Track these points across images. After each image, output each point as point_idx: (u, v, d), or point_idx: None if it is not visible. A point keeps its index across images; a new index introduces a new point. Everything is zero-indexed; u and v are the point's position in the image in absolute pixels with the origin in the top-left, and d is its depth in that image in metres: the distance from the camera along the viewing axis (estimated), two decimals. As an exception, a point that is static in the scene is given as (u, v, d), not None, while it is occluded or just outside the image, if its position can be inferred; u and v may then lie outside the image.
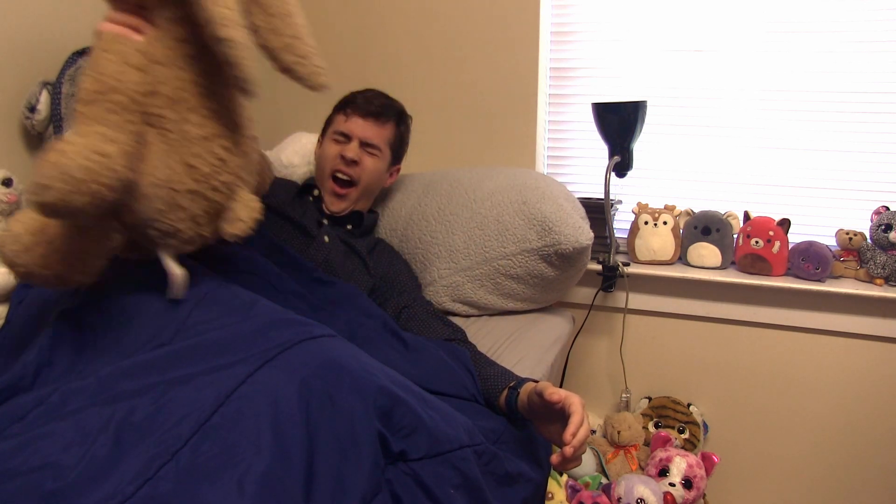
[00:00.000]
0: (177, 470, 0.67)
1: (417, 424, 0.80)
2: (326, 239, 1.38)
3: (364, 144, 1.43)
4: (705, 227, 1.71)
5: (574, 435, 0.88)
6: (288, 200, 1.42)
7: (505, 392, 1.06)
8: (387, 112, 1.46)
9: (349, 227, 1.48)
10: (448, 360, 1.10)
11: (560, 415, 0.92)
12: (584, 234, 1.44)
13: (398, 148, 1.52)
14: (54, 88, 1.44)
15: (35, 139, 1.50)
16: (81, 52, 1.50)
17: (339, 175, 1.42)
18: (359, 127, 1.43)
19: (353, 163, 1.41)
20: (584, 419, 0.90)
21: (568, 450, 0.87)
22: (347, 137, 1.43)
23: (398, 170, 1.57)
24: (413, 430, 0.79)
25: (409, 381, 0.88)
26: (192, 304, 0.88)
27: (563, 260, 1.45)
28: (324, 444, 0.73)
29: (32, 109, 1.43)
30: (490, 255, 1.48)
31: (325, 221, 1.44)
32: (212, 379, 0.75)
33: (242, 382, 0.74)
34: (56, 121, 1.44)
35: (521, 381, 1.06)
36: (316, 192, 1.46)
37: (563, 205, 1.48)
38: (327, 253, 1.35)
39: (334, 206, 1.43)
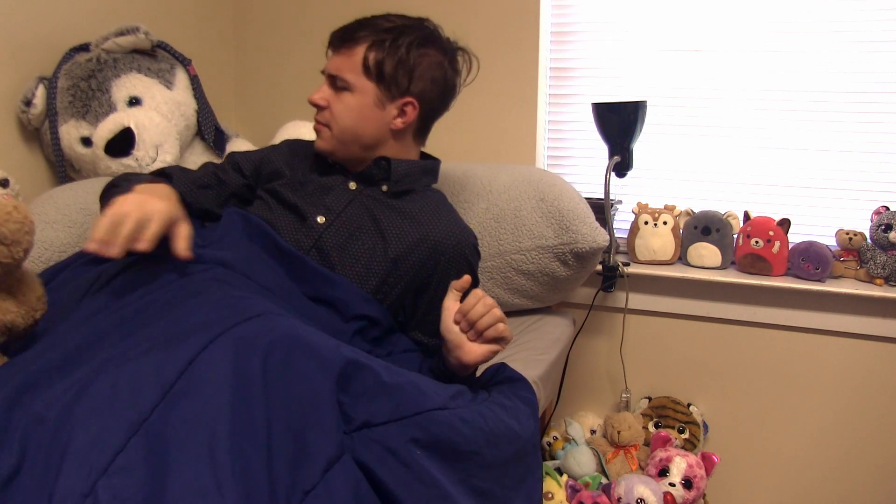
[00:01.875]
0: (147, 440, 0.68)
1: (380, 388, 0.81)
2: (321, 220, 1.17)
3: (333, 80, 1.19)
4: (705, 227, 1.70)
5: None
6: (305, 168, 1.26)
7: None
8: (353, 34, 1.16)
9: (384, 187, 1.22)
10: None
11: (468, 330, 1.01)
12: (600, 234, 1.44)
13: (387, 73, 1.16)
14: (50, 83, 1.43)
15: (32, 135, 1.49)
16: (79, 48, 1.49)
17: (315, 126, 1.24)
18: (330, 62, 1.19)
19: (319, 108, 1.20)
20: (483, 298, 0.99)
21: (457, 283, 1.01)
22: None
23: (412, 104, 1.18)
24: (376, 394, 0.80)
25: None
26: (154, 288, 0.93)
27: (578, 259, 1.45)
28: (282, 407, 0.74)
29: (28, 104, 1.42)
30: (504, 248, 1.48)
31: (353, 185, 1.22)
32: (172, 348, 0.77)
33: (204, 349, 0.76)
34: (51, 115, 1.43)
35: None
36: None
37: (579, 204, 1.47)
38: (318, 236, 1.16)
39: (318, 145, 1.23)
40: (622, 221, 1.83)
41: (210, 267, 1.01)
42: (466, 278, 1.03)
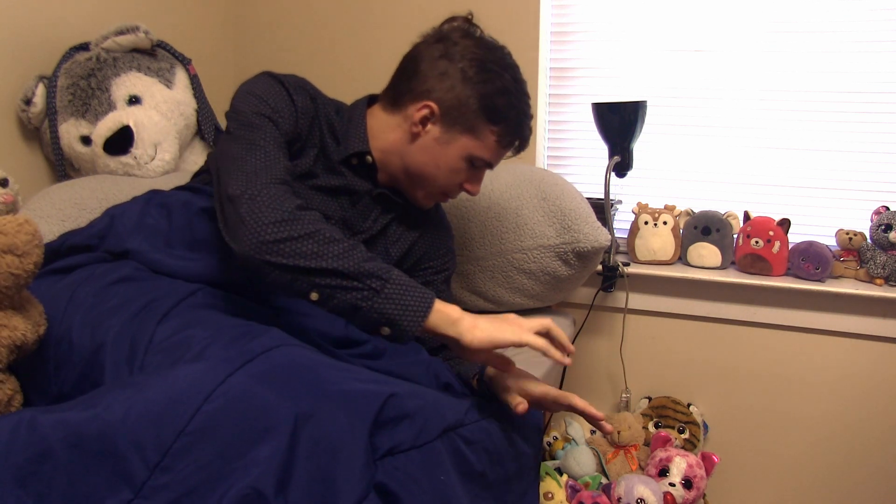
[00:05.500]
0: (158, 493, 0.65)
1: (403, 416, 0.80)
2: None
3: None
4: (705, 227, 1.70)
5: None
6: (318, 142, 1.11)
7: (475, 379, 1.07)
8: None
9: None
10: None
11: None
12: (602, 234, 1.44)
13: None
14: (50, 82, 1.43)
15: (31, 134, 1.49)
16: (79, 47, 1.49)
17: (442, 199, 1.21)
18: (499, 158, 1.18)
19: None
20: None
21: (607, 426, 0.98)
22: (483, 166, 1.16)
23: None
24: (399, 422, 0.79)
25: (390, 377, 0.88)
26: (155, 322, 0.87)
27: (580, 259, 1.45)
28: (312, 445, 0.71)
29: (28, 102, 1.42)
30: (506, 247, 1.47)
31: (377, 192, 1.18)
32: (189, 375, 0.73)
33: (222, 382, 0.71)
34: (51, 114, 1.43)
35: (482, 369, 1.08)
36: (369, 160, 1.14)
37: (581, 204, 1.47)
38: None
39: (424, 205, 1.20)
40: (622, 221, 1.83)
41: (199, 288, 0.97)
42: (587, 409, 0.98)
